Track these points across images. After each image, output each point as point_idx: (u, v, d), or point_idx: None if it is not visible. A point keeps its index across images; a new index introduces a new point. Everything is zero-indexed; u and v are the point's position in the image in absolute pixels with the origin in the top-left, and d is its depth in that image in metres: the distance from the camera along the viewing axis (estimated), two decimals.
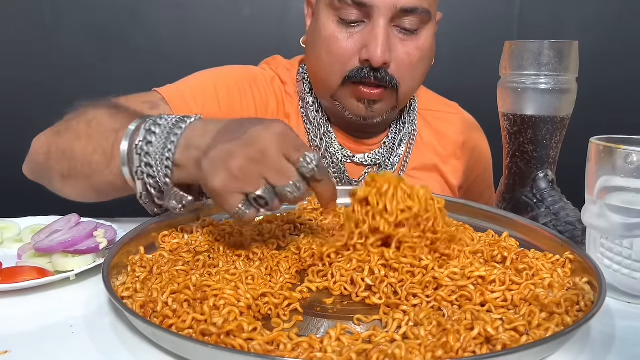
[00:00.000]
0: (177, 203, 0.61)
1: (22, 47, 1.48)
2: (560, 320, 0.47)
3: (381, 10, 0.78)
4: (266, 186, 0.55)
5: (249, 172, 0.54)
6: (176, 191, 0.60)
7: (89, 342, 0.48)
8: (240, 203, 0.55)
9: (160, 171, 0.59)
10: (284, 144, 0.55)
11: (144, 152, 0.59)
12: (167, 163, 0.59)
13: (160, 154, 0.59)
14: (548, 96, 0.74)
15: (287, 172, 0.55)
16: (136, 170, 0.60)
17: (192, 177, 0.59)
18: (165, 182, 0.60)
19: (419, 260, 0.56)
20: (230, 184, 0.54)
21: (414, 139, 0.96)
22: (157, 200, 0.62)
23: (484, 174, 1.05)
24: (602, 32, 1.53)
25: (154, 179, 0.60)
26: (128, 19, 1.51)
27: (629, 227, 0.54)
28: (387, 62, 0.80)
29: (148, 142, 0.59)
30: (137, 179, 0.61)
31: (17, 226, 0.73)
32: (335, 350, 0.43)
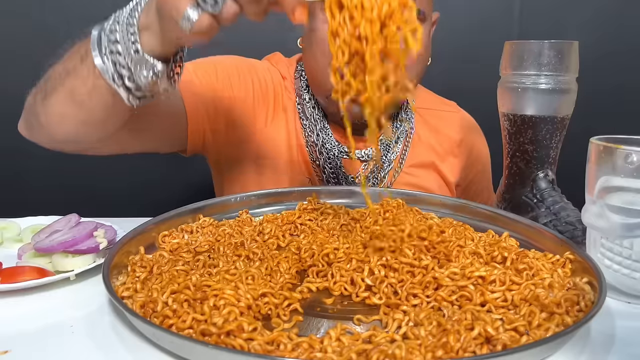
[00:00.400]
0: (147, 71, 0.59)
1: (22, 47, 1.48)
2: (561, 320, 0.47)
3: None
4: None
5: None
6: (146, 57, 0.59)
7: (89, 342, 0.48)
8: (187, 5, 0.52)
9: (127, 40, 0.58)
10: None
11: (111, 31, 0.59)
12: (132, 30, 0.58)
13: (126, 25, 0.58)
14: (548, 96, 0.74)
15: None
16: (104, 51, 0.60)
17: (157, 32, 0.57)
18: (136, 49, 0.58)
19: (419, 260, 0.56)
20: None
21: (411, 136, 0.96)
22: (127, 80, 0.60)
23: (482, 173, 1.05)
24: (602, 33, 1.53)
25: (121, 55, 0.59)
26: None
27: (629, 227, 0.54)
28: None
29: (116, 21, 0.60)
30: (106, 60, 0.60)
31: (17, 226, 0.73)
32: (335, 351, 0.43)
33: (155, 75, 0.59)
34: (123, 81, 0.61)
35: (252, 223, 0.72)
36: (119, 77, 0.61)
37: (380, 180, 0.92)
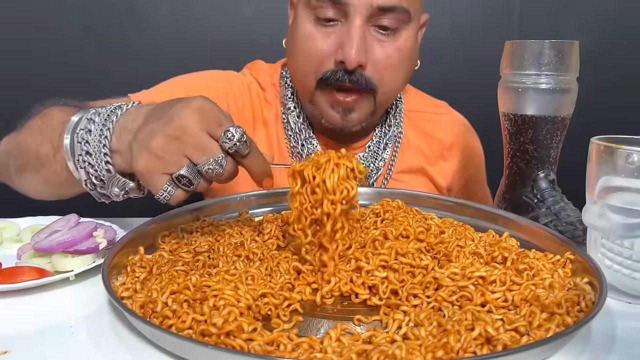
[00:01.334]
0: (119, 190, 0.60)
1: (22, 47, 1.48)
2: (561, 320, 0.47)
3: (357, 8, 0.76)
4: (189, 164, 0.54)
5: (169, 151, 0.53)
6: (118, 177, 0.60)
7: (89, 342, 0.48)
8: (165, 184, 0.54)
9: (100, 159, 0.59)
10: (204, 119, 0.53)
11: (84, 141, 0.59)
12: (105, 150, 0.59)
13: (98, 142, 0.59)
14: (548, 96, 0.74)
15: (208, 149, 0.54)
16: (77, 159, 0.60)
17: (128, 162, 0.58)
18: (107, 168, 0.59)
19: (419, 261, 0.56)
20: (153, 165, 0.53)
21: (399, 141, 0.95)
22: (99, 189, 0.62)
23: (476, 174, 1.04)
24: (603, 32, 1.53)
25: (93, 168, 0.60)
26: (128, 19, 1.51)
27: (630, 227, 0.54)
28: (362, 64, 0.78)
29: (88, 130, 0.59)
30: (79, 167, 0.61)
31: (17, 226, 0.73)
32: (335, 351, 0.43)
33: (126, 192, 0.60)
34: (95, 187, 0.62)
35: (252, 223, 0.72)
36: (91, 184, 0.62)
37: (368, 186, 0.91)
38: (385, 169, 0.93)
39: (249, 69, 0.97)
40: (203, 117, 0.54)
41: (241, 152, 0.55)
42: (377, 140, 0.93)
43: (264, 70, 0.95)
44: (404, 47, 0.81)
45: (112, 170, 0.60)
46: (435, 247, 0.60)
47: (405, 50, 0.82)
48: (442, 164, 0.98)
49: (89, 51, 1.49)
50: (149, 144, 0.53)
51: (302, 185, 0.57)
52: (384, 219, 0.71)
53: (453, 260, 0.59)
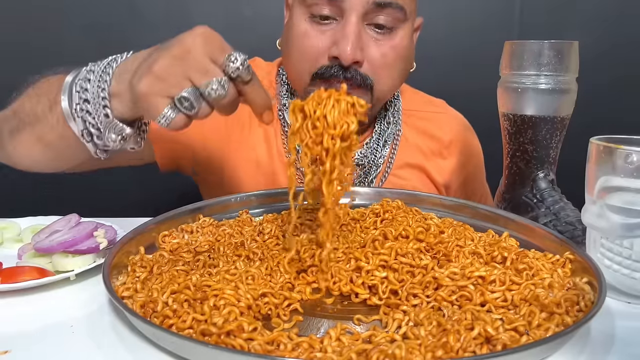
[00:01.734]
0: (116, 135, 0.60)
1: (22, 47, 1.48)
2: (560, 320, 0.47)
3: (353, 4, 0.76)
4: (192, 87, 0.54)
5: (172, 72, 0.54)
6: (115, 122, 0.60)
7: (89, 342, 0.48)
8: (165, 107, 0.54)
9: (98, 104, 0.59)
10: (207, 44, 0.54)
11: (82, 90, 0.60)
12: (103, 94, 0.59)
13: (97, 87, 0.59)
14: (548, 96, 0.74)
15: (211, 71, 0.54)
16: (75, 108, 0.60)
17: (127, 102, 0.59)
18: (105, 113, 0.59)
19: (419, 260, 0.56)
20: (154, 86, 0.54)
21: (398, 139, 0.95)
22: (96, 139, 0.62)
23: (475, 172, 1.04)
24: (603, 32, 1.53)
25: (91, 116, 0.60)
26: (128, 18, 1.51)
27: (629, 227, 0.54)
28: (358, 61, 0.79)
29: (87, 79, 0.60)
30: (76, 117, 0.61)
31: (17, 226, 0.73)
32: (335, 350, 0.43)
33: (123, 138, 0.61)
34: (92, 138, 0.62)
35: (252, 223, 0.72)
36: (88, 134, 0.62)
37: (367, 184, 0.91)
38: (385, 166, 0.93)
39: None
40: (207, 42, 0.55)
41: (243, 77, 0.56)
42: (376, 137, 0.93)
43: (262, 68, 0.96)
44: (400, 45, 0.82)
45: (110, 114, 0.59)
46: (435, 247, 0.60)
47: (401, 48, 0.82)
48: (440, 161, 0.98)
49: (89, 51, 1.49)
50: (152, 67, 0.54)
51: (303, 121, 0.57)
52: (384, 219, 0.71)
53: (453, 260, 0.59)
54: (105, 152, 0.64)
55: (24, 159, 0.71)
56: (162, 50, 0.55)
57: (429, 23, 0.92)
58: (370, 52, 0.80)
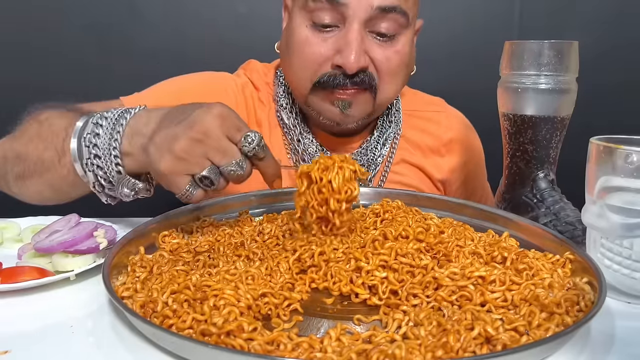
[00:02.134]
0: (129, 190, 0.62)
1: (22, 46, 1.48)
2: (560, 320, 0.47)
3: (356, 11, 0.75)
4: (211, 166, 0.58)
5: (193, 153, 0.57)
6: (128, 178, 0.62)
7: (89, 342, 0.48)
8: (187, 184, 0.58)
9: (109, 162, 0.61)
10: (225, 125, 0.58)
11: (92, 145, 0.61)
12: (115, 152, 0.61)
13: (108, 145, 0.61)
14: (548, 96, 0.74)
15: (229, 152, 0.58)
16: (86, 162, 0.62)
17: (140, 164, 0.61)
18: (118, 170, 0.61)
19: (419, 260, 0.56)
20: (176, 166, 0.57)
21: (398, 138, 0.95)
22: (108, 190, 0.64)
23: (476, 170, 1.04)
24: (602, 32, 1.53)
25: (102, 170, 0.62)
26: (127, 18, 1.51)
27: (629, 227, 0.54)
28: (364, 67, 0.78)
29: (95, 134, 0.61)
30: (87, 170, 0.62)
31: (17, 226, 0.73)
32: (335, 351, 0.43)
33: (135, 192, 0.63)
34: (104, 189, 0.64)
35: (252, 223, 0.72)
36: (100, 186, 0.64)
37: (367, 182, 0.91)
38: (383, 165, 0.93)
39: (243, 69, 0.97)
40: (224, 123, 0.58)
41: (258, 155, 0.60)
42: (377, 135, 0.93)
43: (258, 70, 0.95)
44: (403, 51, 0.82)
45: (122, 171, 0.62)
46: (435, 247, 0.60)
47: (404, 54, 0.82)
48: (437, 159, 0.98)
49: (88, 50, 1.49)
50: (173, 147, 0.56)
51: (309, 185, 0.62)
52: (384, 219, 0.71)
53: (453, 260, 0.59)
54: (114, 199, 0.66)
55: (32, 199, 0.72)
56: (180, 124, 0.57)
57: (430, 24, 0.92)
58: (374, 55, 0.79)
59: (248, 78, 0.94)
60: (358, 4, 0.75)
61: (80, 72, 1.48)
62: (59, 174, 0.65)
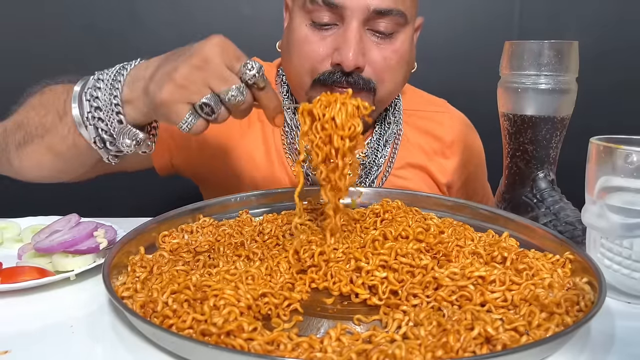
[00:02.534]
0: (130, 140, 0.62)
1: (22, 47, 1.48)
2: (560, 320, 0.47)
3: (353, 12, 0.76)
4: (211, 94, 0.58)
5: (193, 80, 0.57)
6: (129, 128, 0.62)
7: (89, 342, 0.48)
8: (187, 113, 0.58)
9: (110, 111, 0.61)
10: (225, 54, 0.58)
11: (93, 98, 0.62)
12: (116, 101, 0.61)
13: (109, 94, 0.61)
14: (548, 96, 0.74)
15: (230, 78, 0.58)
16: (87, 116, 0.62)
17: (141, 108, 0.61)
18: (119, 119, 0.62)
19: (419, 260, 0.56)
20: (176, 93, 0.57)
21: (399, 139, 0.95)
22: (109, 145, 0.64)
23: (477, 171, 1.04)
24: (602, 32, 1.53)
25: (104, 122, 0.62)
26: (128, 20, 1.51)
27: (629, 227, 0.54)
28: (360, 66, 0.78)
29: (97, 87, 0.62)
30: (88, 124, 0.62)
31: (17, 226, 0.73)
32: (335, 350, 0.43)
33: (137, 143, 0.63)
34: (104, 144, 0.64)
35: (252, 223, 0.72)
36: (101, 141, 0.63)
37: (369, 183, 0.91)
38: (385, 165, 0.93)
39: None
40: (224, 51, 0.58)
41: (259, 84, 0.60)
42: (377, 137, 0.93)
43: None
44: (401, 49, 0.82)
45: (123, 120, 0.62)
46: (435, 247, 0.60)
47: (402, 52, 0.82)
48: (442, 161, 0.98)
49: (89, 51, 1.49)
50: (173, 75, 0.57)
51: (312, 124, 0.61)
52: (384, 219, 0.71)
53: (453, 260, 0.59)
54: (116, 157, 0.66)
55: (32, 170, 0.72)
56: (179, 58, 0.58)
57: (431, 24, 0.92)
58: (372, 56, 0.79)
59: None
60: (355, 6, 0.76)
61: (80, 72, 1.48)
62: (59, 134, 0.65)
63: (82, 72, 0.66)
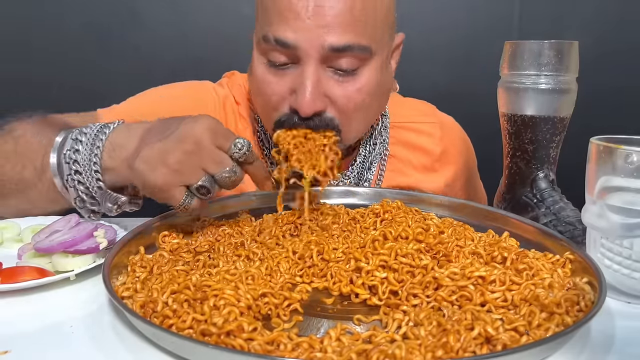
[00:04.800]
0: (112, 205, 0.63)
1: (22, 47, 1.49)
2: (561, 320, 0.47)
3: (308, 52, 0.68)
4: (205, 176, 0.59)
5: (188, 165, 0.58)
6: (110, 193, 0.63)
7: (89, 342, 0.48)
8: (183, 196, 0.60)
9: (90, 177, 0.62)
10: (214, 135, 0.59)
11: (72, 161, 0.62)
12: (96, 167, 0.61)
13: (88, 160, 0.61)
14: (548, 96, 0.74)
15: (222, 160, 0.60)
16: (67, 178, 0.62)
17: (123, 178, 0.62)
18: (99, 185, 0.62)
19: (419, 260, 0.56)
20: (172, 179, 0.58)
21: (385, 160, 0.90)
22: (90, 205, 0.64)
23: (469, 179, 1.01)
24: (602, 32, 1.53)
25: (84, 186, 0.62)
26: (128, 19, 1.51)
27: (629, 227, 0.54)
28: (319, 110, 0.71)
29: (75, 150, 0.62)
30: (69, 187, 0.63)
31: (17, 226, 0.73)
32: (335, 351, 0.43)
33: (118, 206, 0.64)
34: (85, 204, 0.64)
35: (252, 223, 0.72)
36: (81, 201, 0.64)
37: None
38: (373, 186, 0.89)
39: (226, 78, 0.93)
40: (213, 133, 0.59)
41: (248, 160, 0.62)
42: (361, 160, 0.88)
43: (240, 84, 0.90)
44: (367, 86, 0.73)
45: (103, 187, 0.62)
46: (435, 247, 0.60)
47: (368, 89, 0.73)
48: (432, 176, 0.94)
49: (89, 51, 1.50)
50: (166, 160, 0.57)
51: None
52: (384, 219, 0.71)
53: (453, 260, 0.59)
54: (97, 214, 0.66)
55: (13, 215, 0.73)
56: (168, 138, 0.58)
57: (431, 25, 0.92)
58: (333, 94, 0.71)
59: (230, 91, 0.90)
60: (309, 45, 0.68)
61: (80, 72, 1.48)
62: (38, 191, 0.65)
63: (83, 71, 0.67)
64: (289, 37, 0.68)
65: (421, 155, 0.94)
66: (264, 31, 0.71)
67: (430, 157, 0.94)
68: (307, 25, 0.67)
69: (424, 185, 0.93)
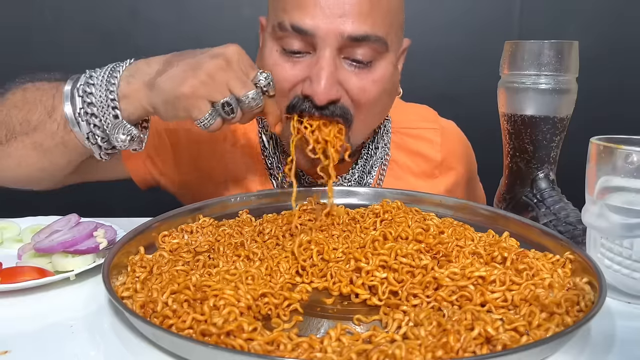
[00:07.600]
0: (125, 136, 0.64)
1: (22, 47, 1.49)
2: (561, 320, 0.47)
3: (326, 40, 0.67)
4: (231, 95, 0.62)
5: (217, 79, 0.61)
6: (124, 123, 0.64)
7: (89, 342, 0.48)
8: (208, 111, 0.61)
9: (105, 106, 0.62)
10: (243, 60, 0.63)
11: (86, 94, 0.63)
12: (112, 96, 0.62)
13: (105, 90, 0.62)
14: (548, 96, 0.74)
15: (248, 83, 0.63)
16: (79, 111, 0.63)
17: (140, 102, 0.63)
18: (115, 114, 0.63)
19: (419, 261, 0.56)
20: (200, 89, 0.60)
21: (386, 164, 0.89)
22: (100, 141, 0.65)
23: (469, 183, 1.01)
24: (602, 32, 1.53)
25: (97, 118, 0.63)
26: (128, 19, 1.51)
27: (629, 227, 0.54)
28: (335, 99, 0.70)
29: (89, 84, 0.63)
30: (81, 120, 0.63)
31: (17, 226, 0.73)
32: (335, 351, 0.43)
33: (131, 138, 0.64)
34: (96, 140, 0.64)
35: (252, 223, 0.72)
36: (93, 136, 0.64)
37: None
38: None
39: None
40: (242, 58, 0.63)
41: (270, 92, 0.65)
42: (362, 163, 0.87)
43: None
44: (382, 79, 0.72)
45: (119, 115, 0.63)
46: (435, 247, 0.60)
47: (383, 82, 0.73)
48: (432, 182, 0.94)
49: (89, 51, 1.50)
50: (197, 71, 0.60)
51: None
52: (384, 219, 0.71)
53: (453, 260, 0.59)
54: (108, 155, 0.66)
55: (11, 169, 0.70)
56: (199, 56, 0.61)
57: (432, 25, 0.92)
58: (349, 84, 0.71)
59: None
60: (327, 33, 0.67)
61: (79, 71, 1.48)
62: (48, 130, 0.65)
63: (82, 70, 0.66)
64: (307, 24, 0.68)
65: (421, 161, 0.93)
66: (280, 18, 0.70)
67: (431, 164, 0.94)
68: (325, 13, 0.67)
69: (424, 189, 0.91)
